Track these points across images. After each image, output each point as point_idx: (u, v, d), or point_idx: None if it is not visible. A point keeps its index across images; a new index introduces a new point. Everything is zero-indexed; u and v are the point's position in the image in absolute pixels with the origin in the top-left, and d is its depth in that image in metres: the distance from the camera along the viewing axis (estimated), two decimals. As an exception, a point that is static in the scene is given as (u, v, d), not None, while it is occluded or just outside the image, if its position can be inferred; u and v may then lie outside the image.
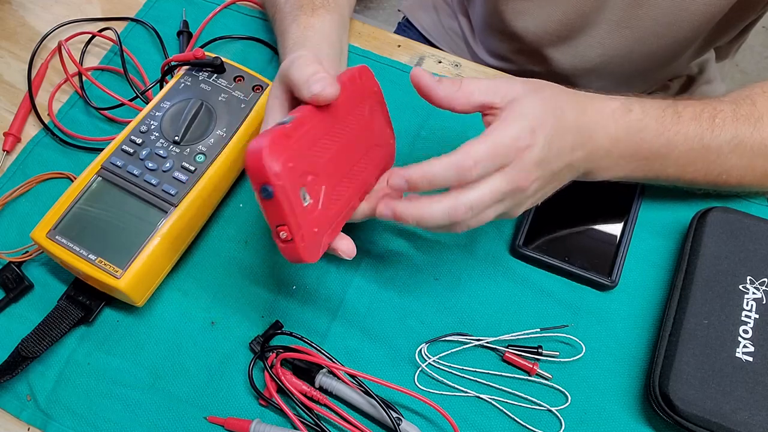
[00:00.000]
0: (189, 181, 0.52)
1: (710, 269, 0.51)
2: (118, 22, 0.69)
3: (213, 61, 0.57)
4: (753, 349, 0.47)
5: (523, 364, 0.51)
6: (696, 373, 0.47)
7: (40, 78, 0.66)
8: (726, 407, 0.46)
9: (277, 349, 0.51)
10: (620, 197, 0.57)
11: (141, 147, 0.54)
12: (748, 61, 1.69)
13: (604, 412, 0.50)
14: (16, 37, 0.69)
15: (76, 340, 0.53)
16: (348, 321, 0.54)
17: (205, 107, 0.56)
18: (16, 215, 0.59)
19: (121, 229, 0.51)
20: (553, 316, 0.54)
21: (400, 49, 0.68)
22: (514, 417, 0.50)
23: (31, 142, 0.62)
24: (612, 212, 0.57)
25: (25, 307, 0.55)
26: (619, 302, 0.54)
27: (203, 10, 0.69)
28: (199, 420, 0.50)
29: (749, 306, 0.49)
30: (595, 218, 0.57)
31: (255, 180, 0.39)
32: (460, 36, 0.87)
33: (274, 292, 0.55)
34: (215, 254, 0.57)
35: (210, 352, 0.53)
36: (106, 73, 0.66)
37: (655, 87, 0.84)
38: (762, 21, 0.75)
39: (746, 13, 0.69)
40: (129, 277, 0.49)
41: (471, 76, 0.40)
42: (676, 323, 0.49)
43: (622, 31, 0.69)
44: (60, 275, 0.56)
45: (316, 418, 0.48)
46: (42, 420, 0.50)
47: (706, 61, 0.84)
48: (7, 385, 0.51)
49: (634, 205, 0.56)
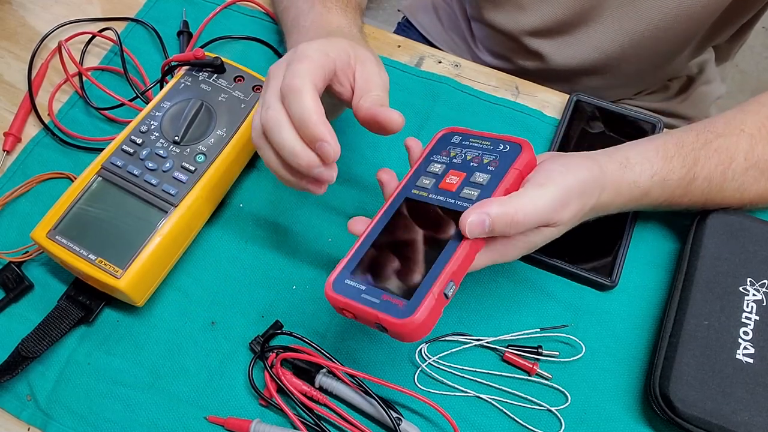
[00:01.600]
0: (189, 181, 0.52)
1: (711, 270, 0.51)
2: (118, 22, 0.69)
3: (213, 61, 0.57)
4: (753, 351, 0.47)
5: (523, 364, 0.51)
6: (696, 374, 0.47)
7: (41, 78, 0.66)
8: (726, 408, 0.45)
9: (277, 349, 0.51)
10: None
11: (141, 147, 0.54)
12: (748, 61, 1.69)
13: (604, 413, 0.50)
14: (16, 37, 0.69)
15: (76, 340, 0.53)
16: (348, 321, 0.54)
17: (205, 107, 0.56)
18: (16, 215, 0.59)
19: (121, 229, 0.51)
20: (553, 316, 0.54)
21: (400, 49, 0.68)
22: (514, 417, 0.50)
23: (32, 142, 0.62)
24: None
25: (25, 307, 0.55)
26: (619, 302, 0.54)
27: (203, 10, 0.69)
28: (199, 420, 0.50)
29: (749, 308, 0.49)
30: (595, 218, 0.56)
31: (366, 322, 0.41)
32: (460, 35, 0.87)
33: (274, 292, 0.55)
34: (215, 254, 0.57)
35: (210, 352, 0.53)
36: (106, 73, 0.66)
37: (654, 87, 0.84)
38: (762, 21, 0.75)
39: (743, 11, 0.69)
40: (129, 277, 0.49)
41: (521, 208, 0.41)
42: (677, 324, 0.49)
43: (619, 31, 0.69)
44: (60, 275, 0.56)
45: (316, 418, 0.48)
46: (42, 420, 0.50)
47: (706, 62, 0.84)
48: (7, 385, 0.51)
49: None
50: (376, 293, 0.40)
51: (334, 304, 0.42)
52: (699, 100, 0.84)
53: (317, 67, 0.44)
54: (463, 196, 0.44)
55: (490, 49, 0.82)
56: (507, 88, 0.65)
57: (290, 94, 0.42)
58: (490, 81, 0.66)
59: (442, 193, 0.44)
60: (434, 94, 0.64)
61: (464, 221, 0.40)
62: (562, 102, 0.64)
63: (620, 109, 0.61)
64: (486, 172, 0.44)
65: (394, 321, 0.38)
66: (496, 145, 0.46)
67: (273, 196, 0.60)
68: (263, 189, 0.60)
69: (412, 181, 0.46)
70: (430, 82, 0.65)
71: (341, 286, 0.42)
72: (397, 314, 0.38)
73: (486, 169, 0.45)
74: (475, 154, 0.46)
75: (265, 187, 0.60)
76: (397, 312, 0.38)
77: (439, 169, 0.46)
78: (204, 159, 0.54)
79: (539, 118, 0.63)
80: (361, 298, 0.40)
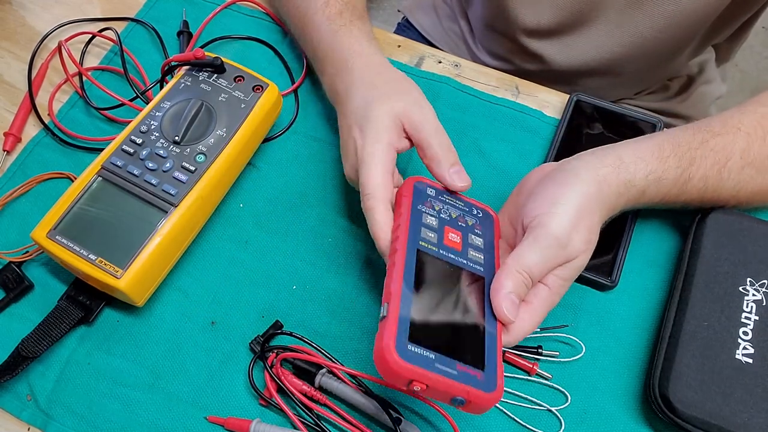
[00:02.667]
0: (189, 181, 0.52)
1: (710, 270, 0.51)
2: (118, 22, 0.69)
3: (213, 61, 0.57)
4: (753, 351, 0.47)
5: (523, 364, 0.51)
6: (696, 374, 0.47)
7: (41, 78, 0.66)
8: (726, 409, 0.46)
9: (277, 349, 0.51)
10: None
11: (141, 147, 0.54)
12: (748, 61, 1.69)
13: (603, 413, 0.50)
14: (16, 37, 0.69)
15: (76, 340, 0.53)
16: (348, 321, 0.54)
17: (206, 107, 0.56)
18: (16, 215, 0.59)
19: (122, 229, 0.51)
20: (553, 316, 0.53)
21: (400, 50, 0.68)
22: (514, 417, 0.50)
23: (32, 142, 0.62)
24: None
25: (25, 307, 0.55)
26: (619, 302, 0.54)
27: (203, 10, 0.69)
28: (199, 420, 0.50)
29: (749, 308, 0.49)
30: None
31: (440, 395, 0.37)
32: (460, 36, 0.87)
33: (274, 292, 0.55)
34: (215, 254, 0.57)
35: (210, 352, 0.53)
36: (106, 73, 0.66)
37: (654, 87, 0.84)
38: (762, 21, 0.75)
39: (743, 10, 0.69)
40: (129, 277, 0.49)
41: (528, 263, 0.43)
42: (676, 324, 0.49)
43: (618, 31, 0.69)
44: (60, 275, 0.56)
45: (316, 418, 0.48)
46: (42, 420, 0.50)
47: (706, 61, 0.84)
48: (8, 385, 0.51)
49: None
50: (449, 363, 0.37)
51: (400, 374, 0.36)
52: (699, 99, 0.84)
53: (387, 156, 0.49)
54: (472, 258, 0.45)
55: (489, 50, 0.82)
56: (507, 88, 0.65)
57: (366, 208, 0.48)
58: (490, 81, 0.66)
59: (451, 252, 0.44)
60: (434, 94, 0.64)
61: (500, 313, 0.41)
62: (562, 102, 0.64)
63: (620, 109, 0.61)
64: (477, 236, 0.46)
65: (484, 395, 0.36)
66: (470, 208, 0.49)
67: (273, 196, 0.60)
68: (263, 189, 0.60)
69: (414, 231, 0.44)
70: (430, 82, 0.65)
71: (408, 354, 0.36)
72: (483, 387, 0.36)
73: (475, 231, 0.47)
74: (458, 213, 0.48)
75: (265, 187, 0.60)
76: (480, 384, 0.36)
77: (435, 223, 0.46)
78: (204, 159, 0.54)
79: (539, 118, 0.63)
80: (436, 368, 0.36)
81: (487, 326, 0.41)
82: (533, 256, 0.43)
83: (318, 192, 0.60)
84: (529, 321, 0.43)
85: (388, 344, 0.36)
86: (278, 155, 0.62)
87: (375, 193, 0.47)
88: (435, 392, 0.37)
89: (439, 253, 0.44)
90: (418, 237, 0.44)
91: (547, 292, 0.44)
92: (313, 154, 0.62)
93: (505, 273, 0.42)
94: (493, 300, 0.42)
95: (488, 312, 0.42)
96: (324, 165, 0.61)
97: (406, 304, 0.39)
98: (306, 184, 0.60)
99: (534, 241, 0.43)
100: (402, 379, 0.36)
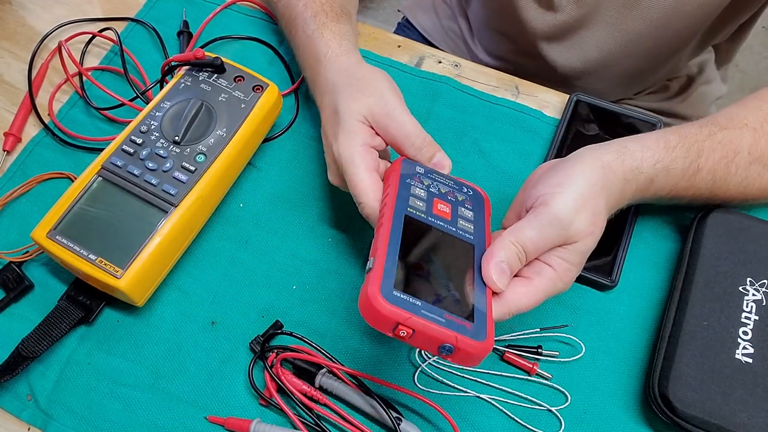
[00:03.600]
0: (189, 181, 0.52)
1: (710, 270, 0.51)
2: (118, 22, 0.69)
3: (213, 61, 0.57)
4: (753, 351, 0.47)
5: (523, 364, 0.51)
6: (695, 374, 0.47)
7: (41, 78, 0.66)
8: (725, 409, 0.46)
9: (277, 349, 0.51)
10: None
11: (141, 147, 0.54)
12: (748, 61, 1.69)
13: (603, 412, 0.50)
14: (16, 37, 0.69)
15: (76, 340, 0.53)
16: (348, 321, 0.54)
17: (206, 107, 0.56)
18: (16, 215, 0.59)
19: (122, 229, 0.51)
20: (553, 316, 0.54)
21: (400, 50, 0.68)
22: (514, 417, 0.50)
23: (32, 142, 0.62)
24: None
25: (25, 307, 0.55)
26: (619, 302, 0.54)
27: (203, 10, 0.69)
28: (199, 420, 0.50)
29: (749, 307, 0.49)
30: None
31: (425, 342, 0.37)
32: (459, 36, 0.88)
33: (274, 292, 0.55)
34: (215, 254, 0.57)
35: (210, 352, 0.53)
36: (106, 73, 0.66)
37: (654, 87, 0.84)
38: (761, 21, 0.75)
39: (742, 10, 0.69)
40: (129, 277, 0.49)
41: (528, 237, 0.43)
42: (676, 324, 0.49)
43: (618, 30, 0.69)
44: (60, 275, 0.56)
45: (316, 417, 0.48)
46: (42, 420, 0.50)
47: (706, 61, 0.84)
48: (8, 385, 0.51)
49: (634, 205, 0.56)
50: (436, 311, 0.37)
51: (386, 317, 0.36)
52: (699, 100, 0.84)
53: (367, 157, 0.49)
54: (461, 227, 0.44)
55: (489, 50, 0.82)
56: (507, 88, 0.65)
57: (366, 216, 0.48)
58: (490, 81, 0.66)
59: (440, 219, 0.44)
60: (434, 94, 0.64)
61: (489, 279, 0.41)
62: (562, 102, 0.64)
63: (620, 109, 0.61)
64: (467, 209, 0.46)
65: (473, 342, 0.36)
66: (460, 186, 0.48)
67: (273, 196, 0.60)
68: (263, 189, 0.60)
69: (402, 198, 0.44)
70: (430, 82, 0.65)
71: (394, 298, 0.36)
72: (472, 335, 0.36)
73: (465, 206, 0.46)
74: (447, 189, 0.47)
75: (265, 187, 0.60)
76: (468, 332, 0.36)
77: (423, 195, 0.45)
78: (204, 159, 0.54)
79: (539, 118, 0.63)
80: (423, 314, 0.36)
81: (477, 290, 0.40)
82: (530, 231, 0.42)
83: (318, 192, 0.60)
84: (526, 296, 0.42)
85: (374, 289, 0.36)
86: (278, 155, 0.62)
87: (368, 201, 0.47)
88: (422, 338, 0.36)
89: (427, 220, 0.43)
90: (406, 204, 0.44)
91: (551, 272, 0.44)
92: (313, 154, 0.62)
93: (498, 243, 0.42)
94: (483, 266, 0.41)
95: (477, 278, 0.41)
96: (324, 165, 0.61)
97: (392, 258, 0.39)
98: (306, 184, 0.60)
99: (534, 217, 0.43)
100: (388, 322, 0.36)
